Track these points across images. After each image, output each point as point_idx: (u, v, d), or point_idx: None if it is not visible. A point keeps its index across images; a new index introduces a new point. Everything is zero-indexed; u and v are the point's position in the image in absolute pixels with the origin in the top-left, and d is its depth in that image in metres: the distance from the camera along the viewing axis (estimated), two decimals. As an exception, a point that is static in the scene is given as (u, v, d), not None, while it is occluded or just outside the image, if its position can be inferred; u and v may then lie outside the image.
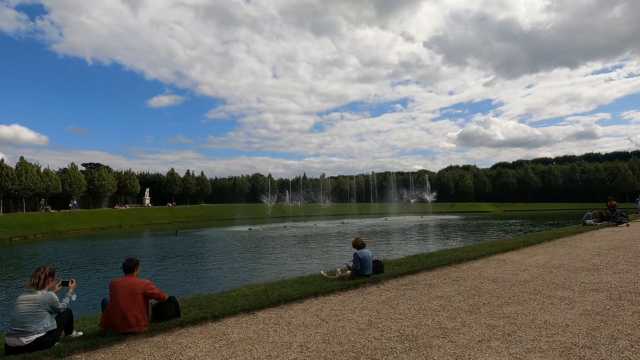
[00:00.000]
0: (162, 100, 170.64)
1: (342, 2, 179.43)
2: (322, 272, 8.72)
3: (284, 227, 43.00)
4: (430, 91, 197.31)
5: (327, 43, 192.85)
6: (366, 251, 8.08)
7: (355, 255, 7.99)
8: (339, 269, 8.64)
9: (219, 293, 7.30)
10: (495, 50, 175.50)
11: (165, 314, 5.23)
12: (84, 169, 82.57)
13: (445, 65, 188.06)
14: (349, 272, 8.07)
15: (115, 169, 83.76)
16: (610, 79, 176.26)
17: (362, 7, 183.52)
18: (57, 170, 72.11)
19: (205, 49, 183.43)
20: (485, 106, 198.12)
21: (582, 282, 7.02)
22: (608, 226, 20.82)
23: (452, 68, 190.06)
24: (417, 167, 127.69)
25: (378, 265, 8.58)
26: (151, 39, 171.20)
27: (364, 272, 7.90)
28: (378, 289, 7.20)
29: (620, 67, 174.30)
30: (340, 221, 52.09)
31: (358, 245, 8.18)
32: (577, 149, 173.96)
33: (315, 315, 5.52)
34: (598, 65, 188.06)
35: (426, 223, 45.91)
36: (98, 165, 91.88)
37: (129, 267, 4.91)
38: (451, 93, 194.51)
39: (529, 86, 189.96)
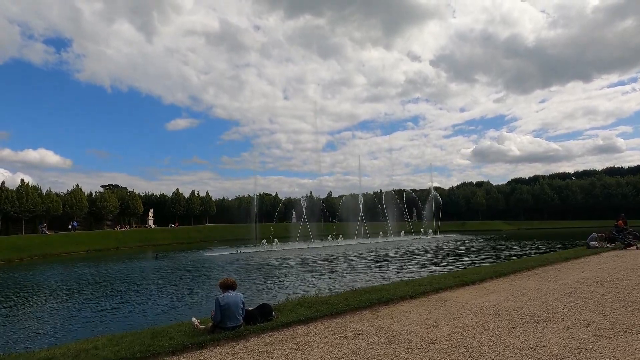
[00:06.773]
0: (179, 124, 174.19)
1: (350, 23, 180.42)
2: (193, 319, 6.81)
3: (274, 249, 40.97)
4: (440, 108, 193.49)
5: (334, 65, 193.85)
6: (232, 295, 6.16)
7: (215, 301, 6.08)
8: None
9: (18, 354, 5.51)
10: (504, 67, 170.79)
11: None
12: (102, 190, 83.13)
13: (454, 83, 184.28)
14: (211, 323, 6.17)
15: (137, 190, 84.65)
16: (627, 92, 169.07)
17: (369, 28, 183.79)
18: (66, 192, 72.59)
19: (218, 74, 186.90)
20: (499, 122, 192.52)
21: (506, 346, 4.89)
22: (615, 249, 18.16)
23: (461, 85, 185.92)
24: (430, 184, 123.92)
25: (262, 312, 6.65)
26: (166, 65, 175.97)
27: (226, 325, 5.96)
28: (227, 352, 5.26)
29: (635, 79, 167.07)
30: (337, 242, 49.71)
31: (225, 286, 6.31)
32: (599, 163, 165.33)
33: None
34: (614, 77, 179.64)
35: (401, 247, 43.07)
36: (116, 186, 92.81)
37: None
38: (462, 110, 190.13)
39: (543, 101, 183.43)
